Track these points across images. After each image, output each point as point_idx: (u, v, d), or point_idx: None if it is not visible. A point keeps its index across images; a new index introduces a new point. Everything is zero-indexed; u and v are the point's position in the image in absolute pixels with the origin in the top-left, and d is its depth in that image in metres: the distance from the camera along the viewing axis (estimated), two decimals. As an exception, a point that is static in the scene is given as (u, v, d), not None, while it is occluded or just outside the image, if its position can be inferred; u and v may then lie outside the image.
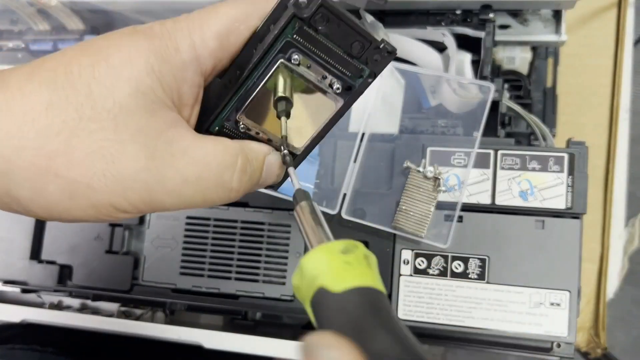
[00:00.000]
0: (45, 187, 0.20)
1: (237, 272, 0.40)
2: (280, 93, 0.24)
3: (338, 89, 0.24)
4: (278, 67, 0.23)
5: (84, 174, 0.20)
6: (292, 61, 0.23)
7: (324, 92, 0.24)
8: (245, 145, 0.24)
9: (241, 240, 0.41)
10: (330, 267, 0.19)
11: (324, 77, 0.24)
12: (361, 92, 0.25)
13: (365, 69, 0.24)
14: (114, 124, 0.20)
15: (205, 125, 0.24)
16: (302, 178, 0.39)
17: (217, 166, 0.22)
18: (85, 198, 0.20)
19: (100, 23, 0.49)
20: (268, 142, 0.25)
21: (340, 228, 0.39)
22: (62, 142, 0.20)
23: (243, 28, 0.22)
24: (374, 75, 0.24)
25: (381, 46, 0.23)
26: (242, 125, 0.24)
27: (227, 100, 0.24)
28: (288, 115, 0.24)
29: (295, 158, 0.26)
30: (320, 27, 0.22)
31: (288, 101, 0.24)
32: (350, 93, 0.24)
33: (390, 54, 0.23)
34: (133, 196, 0.21)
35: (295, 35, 0.22)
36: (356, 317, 0.18)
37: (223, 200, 0.23)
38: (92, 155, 0.20)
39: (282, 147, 0.25)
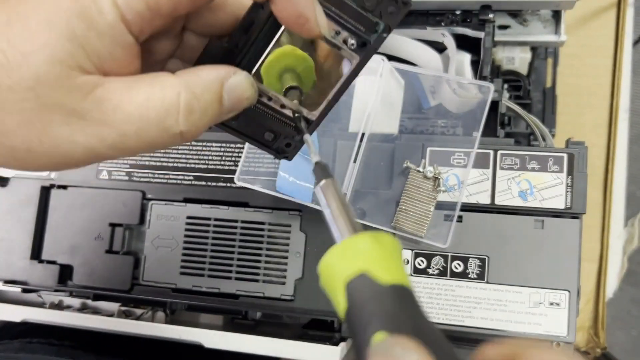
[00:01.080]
0: None
1: (237, 272, 0.40)
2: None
3: (353, 44, 0.23)
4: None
5: (20, 141, 0.20)
6: None
7: (339, 48, 0.23)
8: (190, 78, 0.21)
9: (241, 240, 0.41)
10: (381, 256, 0.19)
11: (338, 33, 0.23)
12: (376, 49, 0.23)
13: (380, 22, 0.23)
14: (35, 94, 0.19)
15: None
16: (302, 178, 0.39)
17: (155, 115, 0.20)
18: (30, 160, 0.20)
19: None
20: (281, 106, 0.24)
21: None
22: None
23: None
24: (388, 30, 0.23)
25: None
26: (293, 112, 0.23)
27: (236, 63, 0.22)
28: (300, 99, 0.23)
29: (311, 124, 0.25)
30: None
31: (300, 91, 0.23)
32: (365, 49, 0.23)
33: (406, 5, 0.22)
34: (75, 155, 0.20)
35: None
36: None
37: (176, 143, 0.22)
38: (22, 125, 0.19)
39: (294, 114, 0.23)
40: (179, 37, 0.24)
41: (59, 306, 0.45)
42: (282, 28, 0.22)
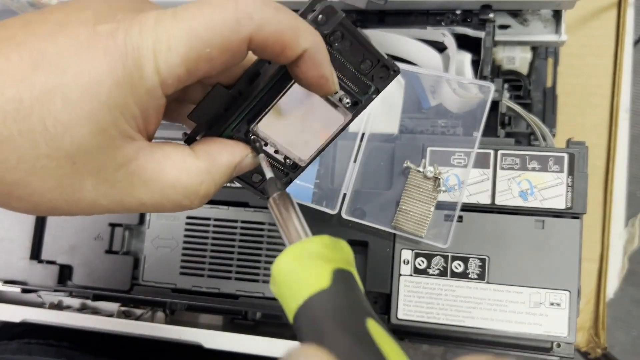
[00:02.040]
0: (9, 204, 0.20)
1: (237, 272, 0.40)
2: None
3: (348, 103, 0.25)
4: (295, 82, 0.23)
5: (46, 201, 0.20)
6: None
7: (335, 106, 0.25)
8: (213, 166, 0.23)
9: (241, 240, 0.41)
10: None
11: (335, 92, 0.24)
12: (365, 107, 0.26)
13: (372, 85, 0.25)
14: (72, 162, 0.19)
15: (213, 136, 0.24)
16: (302, 178, 0.39)
17: (176, 196, 0.22)
18: (48, 213, 0.21)
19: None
20: (275, 152, 0.26)
21: (340, 228, 0.39)
22: (21, 176, 0.19)
23: (215, 53, 0.20)
24: (377, 92, 0.25)
25: (389, 64, 0.25)
26: (252, 136, 0.25)
27: (238, 112, 0.24)
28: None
29: (299, 169, 0.27)
30: (335, 44, 0.23)
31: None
32: (356, 108, 0.26)
33: (396, 72, 0.25)
34: (92, 212, 0.21)
35: None
36: (318, 325, 0.18)
37: (179, 211, 0.24)
38: (51, 190, 0.20)
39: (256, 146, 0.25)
40: (184, 90, 0.25)
41: (58, 306, 0.45)
42: (288, 87, 0.23)
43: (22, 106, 0.18)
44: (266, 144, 0.25)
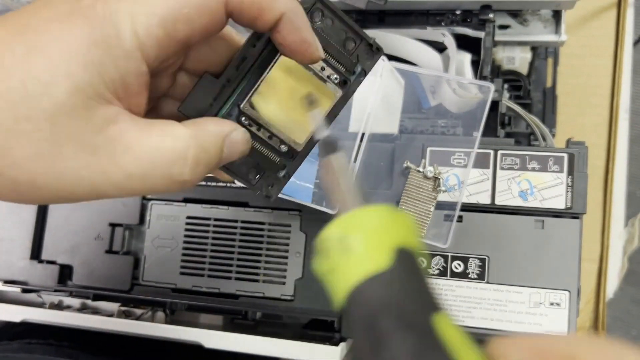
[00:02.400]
0: None
1: (237, 272, 0.40)
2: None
3: (336, 78, 0.25)
4: (280, 54, 0.24)
5: (26, 174, 0.19)
6: None
7: (324, 81, 0.25)
8: (200, 132, 0.22)
9: (241, 240, 0.41)
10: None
11: (323, 69, 0.25)
12: (354, 90, 0.26)
13: (358, 65, 0.25)
14: (51, 124, 0.19)
15: None
16: (302, 178, 0.39)
17: (163, 162, 0.21)
18: (32, 194, 0.20)
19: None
20: (268, 139, 0.25)
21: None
22: (0, 143, 0.19)
23: (193, 14, 0.20)
24: (364, 73, 0.26)
25: (371, 41, 0.25)
26: (244, 119, 0.24)
27: (227, 98, 0.24)
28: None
29: (298, 155, 0.26)
30: (316, 21, 0.23)
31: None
32: (345, 87, 0.26)
33: (379, 51, 0.25)
34: (78, 191, 0.20)
35: None
36: (374, 318, 0.15)
37: (175, 190, 0.22)
38: (30, 157, 0.19)
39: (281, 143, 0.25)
40: (173, 77, 0.25)
41: (58, 306, 0.45)
42: (274, 61, 0.24)
43: (3, 65, 0.19)
44: (259, 129, 0.25)
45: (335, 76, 0.25)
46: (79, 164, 0.20)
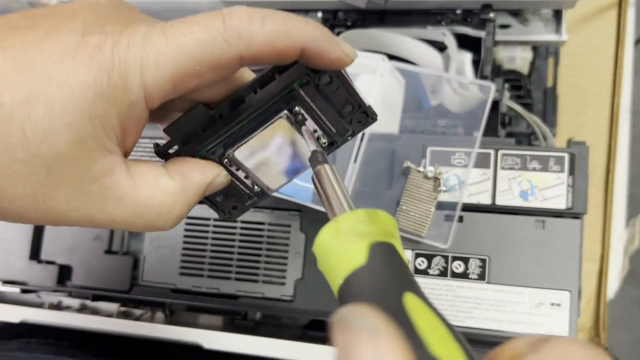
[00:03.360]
0: None
1: (237, 272, 0.40)
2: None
3: (324, 143, 0.25)
4: (280, 117, 0.24)
5: (15, 208, 0.20)
6: (294, 112, 0.24)
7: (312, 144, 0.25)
8: (187, 185, 0.23)
9: (241, 240, 0.40)
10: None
11: (314, 131, 0.25)
12: (338, 147, 0.26)
13: (349, 129, 0.25)
14: (47, 170, 0.19)
15: (187, 154, 0.24)
16: (303, 178, 0.39)
17: (149, 215, 0.22)
18: (17, 220, 0.20)
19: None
20: (245, 179, 0.26)
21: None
22: None
23: (203, 71, 0.20)
24: (353, 134, 0.26)
25: (369, 112, 0.25)
26: (226, 161, 0.25)
27: (216, 135, 0.24)
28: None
29: (265, 196, 0.27)
30: (321, 85, 0.23)
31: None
32: (331, 148, 0.26)
33: (374, 120, 0.25)
34: (61, 223, 0.21)
35: (301, 90, 0.23)
36: (377, 286, 0.18)
37: (151, 231, 0.23)
38: (22, 197, 0.19)
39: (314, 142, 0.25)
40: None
41: (58, 307, 0.45)
42: (272, 121, 0.24)
43: (3, 110, 0.18)
44: (238, 169, 0.25)
45: (324, 140, 0.25)
46: (68, 206, 0.20)
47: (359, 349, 0.14)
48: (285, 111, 0.24)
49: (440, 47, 0.45)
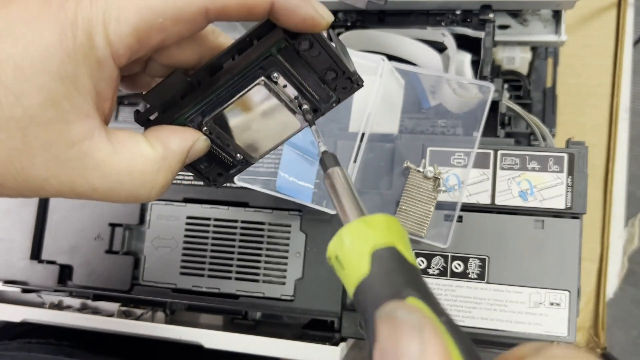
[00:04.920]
0: None
1: (237, 272, 0.40)
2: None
3: (306, 110, 0.25)
4: (258, 83, 0.23)
5: None
6: (272, 78, 0.23)
7: (293, 112, 0.25)
8: (168, 152, 0.22)
9: (241, 240, 0.41)
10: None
11: (296, 98, 0.24)
12: (323, 114, 0.26)
13: (333, 95, 0.25)
14: (23, 134, 0.19)
15: (166, 121, 0.24)
16: (303, 178, 0.39)
17: (131, 184, 0.21)
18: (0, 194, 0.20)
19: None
20: (226, 147, 0.25)
21: (340, 227, 0.39)
22: None
23: (168, 23, 0.20)
24: (338, 101, 0.25)
25: (353, 78, 0.24)
26: (205, 129, 0.24)
27: (194, 102, 0.23)
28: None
29: (248, 164, 0.27)
30: (302, 51, 0.23)
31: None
32: (315, 115, 0.26)
33: (359, 86, 0.25)
34: (44, 193, 0.21)
35: (279, 55, 0.23)
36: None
37: (135, 202, 0.23)
38: (1, 162, 0.19)
39: (303, 111, 0.25)
40: (143, 64, 0.24)
41: (58, 306, 0.45)
42: (251, 86, 0.23)
43: None
44: (218, 137, 0.25)
45: (305, 106, 0.25)
46: (47, 173, 0.20)
47: (406, 341, 0.15)
48: (263, 77, 0.23)
49: (440, 47, 0.46)
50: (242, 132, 0.25)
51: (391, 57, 0.44)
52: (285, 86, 0.24)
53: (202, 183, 0.42)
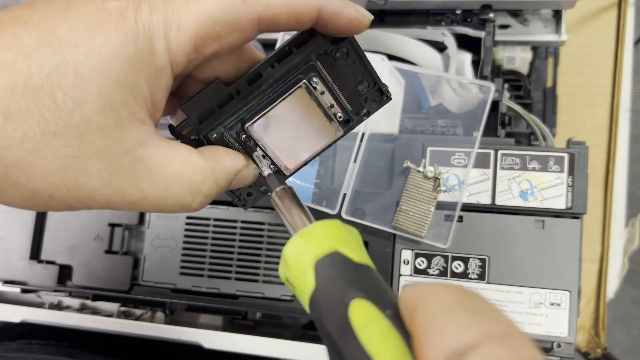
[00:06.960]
0: (4, 191, 0.19)
1: (237, 272, 0.40)
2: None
3: (340, 117, 0.25)
4: (300, 86, 0.24)
5: (46, 187, 0.19)
6: (312, 83, 0.24)
7: (330, 119, 0.25)
8: (217, 166, 0.23)
9: (241, 240, 0.40)
10: (349, 238, 0.20)
11: (332, 106, 0.25)
12: (354, 127, 0.26)
13: (365, 107, 0.26)
14: (79, 141, 0.19)
15: (204, 131, 0.24)
16: (303, 178, 0.39)
17: (179, 190, 0.21)
18: (45, 203, 0.20)
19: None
20: (264, 156, 0.26)
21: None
22: (23, 156, 0.18)
23: (224, 33, 0.20)
24: (368, 114, 0.26)
25: (383, 89, 0.25)
26: (244, 137, 0.24)
27: (233, 110, 0.24)
28: None
29: (282, 177, 0.27)
30: (338, 59, 0.23)
31: None
32: (347, 126, 0.26)
33: (388, 99, 0.25)
34: (90, 204, 0.20)
35: (318, 61, 0.23)
36: (387, 292, 0.18)
37: (180, 212, 0.23)
38: (54, 172, 0.19)
39: (263, 168, 0.25)
40: (180, 80, 0.24)
41: (58, 306, 0.45)
42: (291, 91, 0.24)
43: (32, 81, 0.18)
44: (255, 146, 0.25)
45: (340, 115, 0.25)
46: (100, 182, 0.20)
47: None
48: (305, 80, 0.24)
49: (440, 47, 0.46)
50: (279, 139, 0.25)
51: (391, 57, 0.44)
52: (323, 93, 0.24)
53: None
